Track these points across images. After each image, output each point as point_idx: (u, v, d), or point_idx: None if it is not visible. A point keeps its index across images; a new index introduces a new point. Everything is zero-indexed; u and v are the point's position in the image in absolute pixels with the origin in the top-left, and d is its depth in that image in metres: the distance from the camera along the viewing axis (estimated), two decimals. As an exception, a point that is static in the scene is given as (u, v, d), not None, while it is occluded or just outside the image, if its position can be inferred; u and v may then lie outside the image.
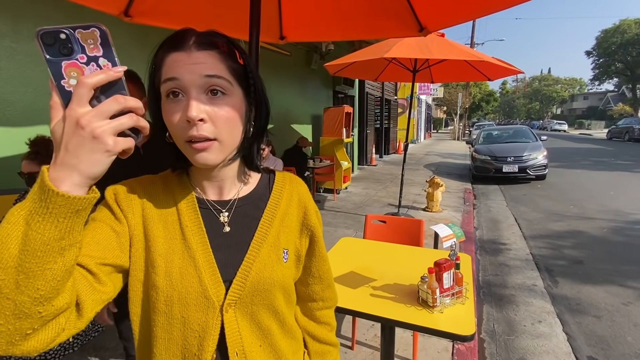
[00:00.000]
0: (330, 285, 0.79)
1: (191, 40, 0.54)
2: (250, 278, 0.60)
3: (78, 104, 0.40)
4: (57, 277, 0.40)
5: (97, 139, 0.40)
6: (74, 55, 0.41)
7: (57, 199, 0.38)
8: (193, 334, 0.57)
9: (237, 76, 0.57)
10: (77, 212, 0.40)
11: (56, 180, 0.39)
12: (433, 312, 1.30)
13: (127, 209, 0.58)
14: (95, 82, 0.41)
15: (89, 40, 0.41)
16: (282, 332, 0.66)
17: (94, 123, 0.40)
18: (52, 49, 0.40)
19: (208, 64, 0.53)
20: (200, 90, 0.53)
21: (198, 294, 0.57)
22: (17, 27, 2.33)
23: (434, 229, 1.50)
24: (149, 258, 0.57)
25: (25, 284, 0.38)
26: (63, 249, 0.40)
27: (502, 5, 1.70)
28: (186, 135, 0.53)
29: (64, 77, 0.41)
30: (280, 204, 0.67)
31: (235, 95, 0.57)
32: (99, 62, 0.42)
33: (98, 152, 0.40)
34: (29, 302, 0.39)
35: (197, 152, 0.54)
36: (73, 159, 0.40)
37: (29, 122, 2.45)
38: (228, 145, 0.57)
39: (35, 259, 0.38)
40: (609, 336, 2.44)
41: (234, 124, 0.56)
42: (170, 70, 0.53)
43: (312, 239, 0.71)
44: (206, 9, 1.92)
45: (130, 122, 0.43)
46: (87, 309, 0.47)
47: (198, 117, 0.51)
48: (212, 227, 0.62)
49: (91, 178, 0.41)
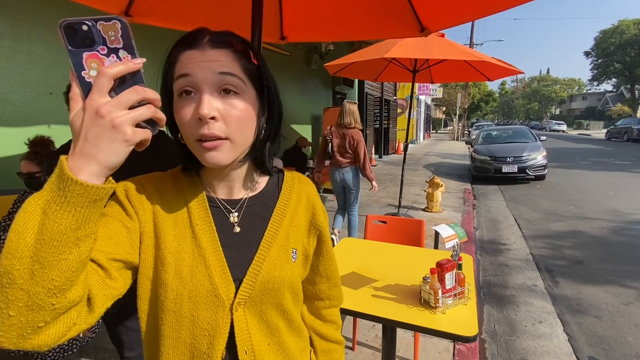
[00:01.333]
0: (337, 284, 0.79)
1: (205, 39, 0.54)
2: (260, 277, 0.60)
3: (98, 94, 0.40)
4: (72, 268, 0.40)
5: (116, 129, 0.40)
6: (95, 47, 0.41)
7: (75, 188, 0.39)
8: (202, 332, 0.57)
9: (251, 76, 0.57)
10: (95, 201, 0.41)
11: (75, 169, 0.40)
12: (435, 313, 1.30)
13: (138, 205, 0.57)
14: (115, 73, 0.41)
15: (110, 32, 0.42)
16: (289, 331, 0.66)
17: (113, 112, 0.40)
18: (74, 40, 0.41)
19: (222, 62, 0.53)
20: (213, 88, 0.53)
21: (208, 292, 0.57)
22: (16, 26, 2.32)
23: (436, 230, 1.49)
24: (159, 255, 0.57)
25: (40, 274, 0.38)
26: (79, 239, 0.40)
27: (503, 6, 1.70)
28: (197, 133, 0.52)
29: (84, 68, 0.42)
30: (289, 203, 0.67)
31: (248, 95, 0.56)
32: (119, 54, 0.43)
33: (117, 141, 0.41)
34: (43, 293, 0.39)
35: (208, 151, 0.53)
36: (92, 148, 0.40)
37: (27, 122, 2.44)
38: (239, 145, 0.56)
39: (52, 249, 0.38)
40: (610, 336, 2.43)
41: (246, 123, 0.56)
42: (183, 67, 0.53)
43: (320, 238, 0.71)
44: (207, 9, 1.92)
45: (149, 113, 0.43)
46: (98, 304, 0.47)
47: (210, 114, 0.51)
48: (222, 226, 0.61)
49: (109, 168, 0.41)
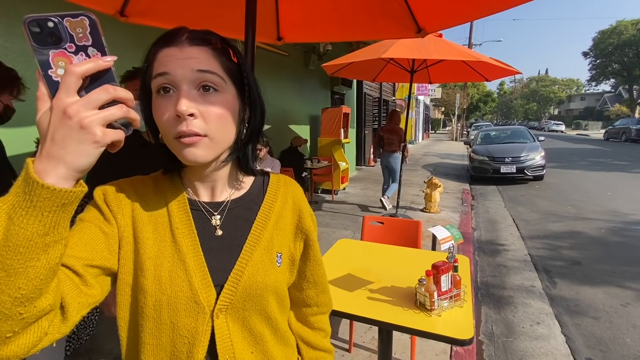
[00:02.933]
0: (324, 290, 0.77)
1: (184, 36, 0.53)
2: (242, 283, 0.58)
3: (66, 93, 0.38)
4: (40, 276, 0.38)
5: (85, 129, 0.38)
6: (62, 44, 0.40)
7: (42, 192, 0.37)
8: (182, 340, 0.55)
9: (231, 74, 0.56)
10: (63, 206, 0.39)
11: (41, 173, 0.38)
12: (431, 316, 1.29)
13: (117, 209, 0.56)
14: (83, 71, 0.39)
15: (77, 29, 0.40)
16: (275, 339, 0.64)
17: (82, 112, 0.38)
18: (40, 38, 0.39)
19: (200, 59, 0.52)
20: (191, 86, 0.52)
21: (188, 298, 0.55)
22: (10, 26, 2.30)
23: (432, 231, 1.49)
24: (138, 261, 0.55)
25: (5, 282, 0.36)
26: (47, 246, 0.38)
27: (501, 7, 1.69)
28: (175, 131, 0.51)
29: (51, 66, 0.40)
30: (274, 206, 0.66)
31: (228, 93, 0.55)
32: (88, 51, 0.41)
33: (86, 142, 0.39)
34: (10, 302, 0.37)
35: (186, 147, 0.52)
36: (59, 150, 0.38)
37: (21, 122, 2.42)
38: (218, 143, 0.55)
39: (17, 256, 0.36)
40: (608, 338, 2.43)
41: (226, 121, 0.55)
42: (161, 65, 0.52)
43: (307, 242, 0.70)
44: (203, 9, 1.90)
45: (120, 113, 0.41)
46: (72, 312, 0.45)
47: (188, 111, 0.50)
48: (203, 230, 0.60)
49: (78, 171, 0.40)
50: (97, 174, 0.63)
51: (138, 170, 0.66)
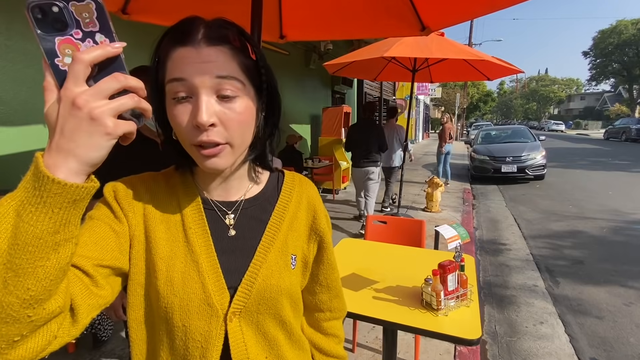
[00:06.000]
0: (338, 295, 0.75)
1: (200, 34, 0.49)
2: (257, 285, 0.56)
3: (74, 82, 0.36)
4: (50, 277, 0.36)
5: (95, 121, 0.36)
6: (68, 31, 0.37)
7: (52, 187, 0.35)
8: (195, 344, 0.53)
9: (249, 74, 0.53)
10: (74, 202, 0.37)
11: (51, 167, 0.35)
12: (437, 315, 1.27)
13: (128, 207, 0.54)
14: (92, 58, 0.37)
15: (84, 14, 0.37)
16: (289, 343, 0.62)
17: (92, 103, 0.36)
18: (44, 24, 0.36)
19: (219, 63, 0.49)
20: (210, 92, 0.49)
21: (201, 301, 0.53)
22: (10, 24, 2.29)
23: (438, 230, 1.47)
24: (150, 261, 0.53)
25: (14, 283, 0.34)
26: (57, 244, 0.36)
27: (504, 4, 1.68)
28: (195, 139, 0.49)
29: (57, 55, 0.37)
30: (289, 206, 0.63)
31: (248, 96, 0.53)
32: (96, 37, 0.38)
33: (97, 134, 0.36)
34: (18, 305, 0.35)
35: (207, 159, 0.50)
36: (69, 143, 0.36)
37: (22, 121, 2.41)
38: (238, 147, 0.53)
39: (26, 255, 0.34)
40: (612, 337, 2.42)
41: (246, 126, 0.53)
42: (177, 70, 0.49)
43: (321, 244, 0.67)
44: (206, 6, 1.89)
45: (132, 102, 0.39)
46: (82, 314, 0.43)
47: (209, 122, 0.47)
48: (216, 230, 0.58)
49: (89, 165, 0.37)
50: (96, 172, 0.61)
51: (137, 170, 0.64)
